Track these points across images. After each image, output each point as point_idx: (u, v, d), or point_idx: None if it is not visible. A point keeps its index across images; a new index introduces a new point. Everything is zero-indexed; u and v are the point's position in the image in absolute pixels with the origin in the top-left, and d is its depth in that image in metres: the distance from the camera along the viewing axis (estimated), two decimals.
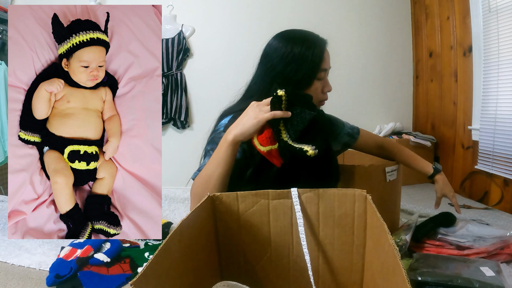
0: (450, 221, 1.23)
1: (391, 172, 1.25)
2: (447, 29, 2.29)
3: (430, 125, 2.57)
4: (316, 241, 0.69)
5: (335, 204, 0.67)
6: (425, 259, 1.03)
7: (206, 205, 0.67)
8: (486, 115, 1.93)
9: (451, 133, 2.31)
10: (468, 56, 2.08)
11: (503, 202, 1.83)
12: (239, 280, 0.65)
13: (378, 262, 0.55)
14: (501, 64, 1.82)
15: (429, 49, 2.54)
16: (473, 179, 2.09)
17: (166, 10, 2.48)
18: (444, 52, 2.35)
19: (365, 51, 2.72)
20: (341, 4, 2.68)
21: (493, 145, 1.86)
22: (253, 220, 0.70)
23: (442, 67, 2.38)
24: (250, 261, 0.72)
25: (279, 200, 0.69)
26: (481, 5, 1.92)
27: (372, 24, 2.71)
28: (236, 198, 0.70)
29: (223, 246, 0.72)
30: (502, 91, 1.83)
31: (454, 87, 2.26)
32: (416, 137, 2.44)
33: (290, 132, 0.76)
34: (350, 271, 0.69)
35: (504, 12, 1.77)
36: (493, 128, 1.87)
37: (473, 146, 2.08)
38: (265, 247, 0.71)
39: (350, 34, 2.70)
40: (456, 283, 0.89)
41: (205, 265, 0.65)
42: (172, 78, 2.49)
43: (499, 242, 1.12)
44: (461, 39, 2.16)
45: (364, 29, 2.71)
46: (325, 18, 2.67)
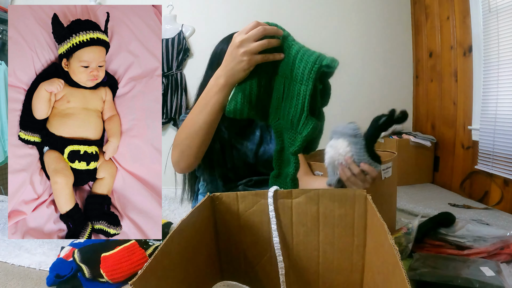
0: (450, 221, 1.23)
1: (386, 169, 1.25)
2: (447, 29, 2.29)
3: (430, 125, 2.57)
4: (316, 241, 0.69)
5: (335, 204, 0.67)
6: (425, 259, 1.03)
7: (206, 205, 0.67)
8: (486, 115, 1.93)
9: (451, 133, 2.31)
10: (468, 56, 2.08)
11: (503, 202, 1.83)
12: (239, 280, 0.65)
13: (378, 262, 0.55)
14: (501, 64, 1.82)
15: (429, 49, 2.54)
16: (473, 179, 2.09)
17: (166, 10, 2.48)
18: (444, 52, 2.35)
19: (365, 51, 2.72)
20: (341, 4, 2.68)
21: (493, 145, 1.86)
22: (253, 220, 0.70)
23: (442, 67, 2.38)
24: (250, 261, 0.72)
25: (279, 200, 0.69)
26: (481, 5, 1.92)
27: (372, 24, 2.71)
28: (236, 198, 0.70)
29: (223, 246, 0.72)
30: (502, 91, 1.83)
31: (454, 87, 2.26)
32: (416, 137, 2.44)
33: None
34: (350, 271, 0.69)
35: (504, 12, 1.77)
36: (493, 128, 1.87)
37: (473, 146, 2.08)
38: (265, 247, 0.71)
39: (350, 34, 2.70)
40: (456, 283, 0.89)
41: (205, 265, 0.65)
42: (172, 78, 2.49)
43: (499, 242, 1.12)
44: (461, 39, 2.16)
45: (364, 29, 2.71)
46: (325, 19, 2.67)
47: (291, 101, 0.74)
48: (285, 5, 2.64)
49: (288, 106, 0.75)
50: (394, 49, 2.74)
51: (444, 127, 2.41)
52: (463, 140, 2.19)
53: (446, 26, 2.31)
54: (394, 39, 2.74)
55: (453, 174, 2.28)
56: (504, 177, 1.81)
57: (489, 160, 1.90)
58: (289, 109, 0.74)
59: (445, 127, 2.39)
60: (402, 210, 1.80)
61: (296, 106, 0.72)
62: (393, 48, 2.74)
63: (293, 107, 0.73)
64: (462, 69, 2.16)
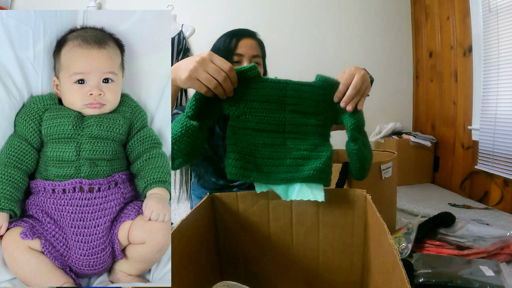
0: (450, 221, 1.23)
1: (387, 169, 1.25)
2: (447, 29, 2.29)
3: (430, 125, 2.57)
4: (316, 241, 0.69)
5: (335, 204, 0.67)
6: (425, 259, 1.03)
7: (206, 205, 0.67)
8: (486, 115, 1.93)
9: (451, 133, 2.31)
10: (468, 56, 2.08)
11: (503, 202, 1.83)
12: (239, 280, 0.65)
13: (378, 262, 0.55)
14: (501, 64, 1.82)
15: (429, 49, 2.54)
16: (473, 179, 2.09)
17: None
18: (444, 52, 2.35)
19: (365, 51, 2.72)
20: (341, 4, 2.68)
21: (493, 145, 1.86)
22: (253, 220, 0.70)
23: (442, 67, 2.38)
24: (250, 261, 0.72)
25: (279, 200, 0.69)
26: (481, 5, 1.92)
27: (372, 24, 2.71)
28: (236, 198, 0.70)
29: (223, 246, 0.72)
30: (502, 91, 1.83)
31: (454, 87, 2.26)
32: (416, 137, 2.44)
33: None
34: (350, 271, 0.69)
35: (504, 12, 1.77)
36: (493, 128, 1.87)
37: (473, 146, 2.08)
38: (265, 247, 0.71)
39: (350, 34, 2.71)
40: (456, 283, 0.89)
41: (205, 265, 0.65)
42: None
43: (499, 242, 1.12)
44: (461, 39, 2.16)
45: (364, 29, 2.71)
46: (325, 18, 2.67)
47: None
48: (285, 5, 2.64)
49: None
50: (394, 49, 2.74)
51: (444, 127, 2.41)
52: (463, 140, 2.19)
53: (446, 26, 2.31)
54: (394, 39, 2.74)
55: (453, 174, 2.28)
56: (504, 177, 1.81)
57: (489, 160, 1.90)
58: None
59: (445, 127, 2.39)
60: (402, 210, 1.80)
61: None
62: (393, 48, 2.74)
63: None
64: (462, 69, 2.17)
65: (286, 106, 0.68)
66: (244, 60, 0.97)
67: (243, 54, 0.97)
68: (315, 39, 2.69)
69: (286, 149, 0.69)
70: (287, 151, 0.68)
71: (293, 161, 0.68)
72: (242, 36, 0.99)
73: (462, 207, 1.86)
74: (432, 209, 1.79)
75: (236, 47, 0.97)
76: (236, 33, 1.00)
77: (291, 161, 0.68)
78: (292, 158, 0.68)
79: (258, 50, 1.01)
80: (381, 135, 2.56)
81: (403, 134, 2.55)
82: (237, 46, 0.97)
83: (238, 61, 0.97)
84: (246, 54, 0.97)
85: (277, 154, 0.68)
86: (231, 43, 0.97)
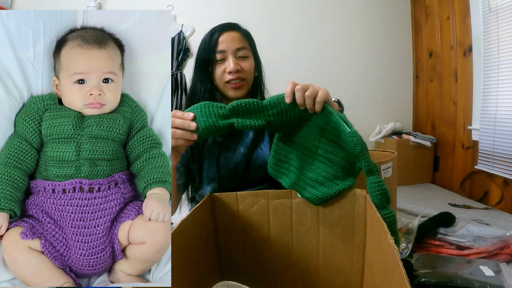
0: (450, 221, 1.23)
1: (386, 169, 1.25)
2: (447, 29, 2.29)
3: (430, 125, 2.57)
4: (316, 241, 0.69)
5: (335, 204, 0.67)
6: (425, 259, 1.03)
7: (206, 205, 0.67)
8: (486, 115, 1.93)
9: (451, 133, 2.31)
10: (468, 56, 2.08)
11: (503, 202, 1.83)
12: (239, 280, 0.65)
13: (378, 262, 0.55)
14: (501, 64, 1.82)
15: (429, 49, 2.54)
16: (473, 179, 2.09)
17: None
18: (444, 52, 2.35)
19: (365, 51, 2.72)
20: (341, 4, 2.68)
21: (493, 145, 1.86)
22: (253, 220, 0.70)
23: (442, 67, 2.38)
24: (250, 261, 0.72)
25: (278, 200, 0.69)
26: (481, 5, 1.92)
27: (372, 24, 2.71)
28: (236, 198, 0.70)
29: (223, 246, 0.72)
30: (502, 91, 1.83)
31: (454, 87, 2.26)
32: (416, 137, 2.44)
33: None
34: (350, 271, 0.69)
35: (504, 12, 1.77)
36: (493, 128, 1.87)
37: (473, 146, 2.08)
38: (265, 247, 0.71)
39: (350, 34, 2.70)
40: (456, 283, 0.89)
41: (205, 265, 0.65)
42: (172, 78, 2.49)
43: (499, 242, 1.12)
44: (461, 39, 2.16)
45: (364, 29, 2.71)
46: (325, 19, 2.67)
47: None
48: (286, 5, 2.64)
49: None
50: (394, 49, 2.75)
51: (444, 127, 2.41)
52: (463, 140, 2.19)
53: (446, 26, 2.31)
54: (394, 39, 2.74)
55: (453, 174, 2.28)
56: (504, 177, 1.81)
57: (489, 160, 1.90)
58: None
59: (445, 127, 2.39)
60: (402, 210, 1.80)
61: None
62: (393, 48, 2.74)
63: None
64: (462, 69, 2.16)
65: (325, 132, 0.68)
66: (228, 56, 0.91)
67: (226, 50, 0.91)
68: (315, 39, 2.69)
69: (311, 168, 0.70)
70: (308, 170, 0.70)
71: (308, 180, 0.69)
72: (222, 30, 0.93)
73: (462, 207, 1.86)
74: (432, 209, 1.79)
75: (216, 44, 0.91)
76: (216, 29, 0.94)
77: (306, 179, 0.69)
78: (309, 178, 0.69)
79: (243, 42, 0.94)
80: (381, 135, 2.56)
81: (403, 134, 2.55)
82: (217, 42, 0.92)
83: (223, 58, 0.91)
84: (228, 49, 0.91)
85: (303, 169, 0.70)
86: (211, 41, 0.92)
